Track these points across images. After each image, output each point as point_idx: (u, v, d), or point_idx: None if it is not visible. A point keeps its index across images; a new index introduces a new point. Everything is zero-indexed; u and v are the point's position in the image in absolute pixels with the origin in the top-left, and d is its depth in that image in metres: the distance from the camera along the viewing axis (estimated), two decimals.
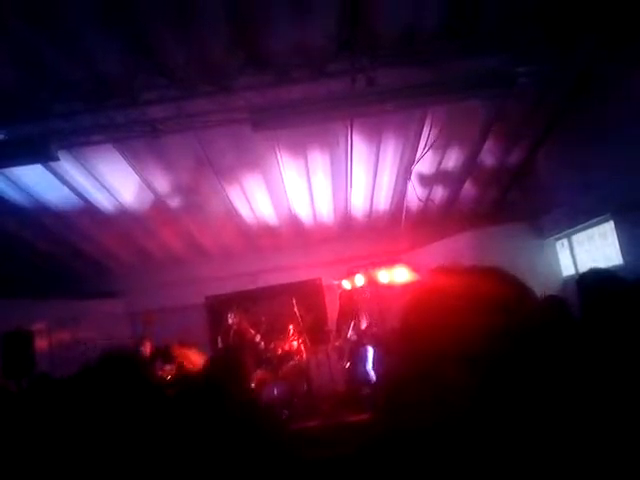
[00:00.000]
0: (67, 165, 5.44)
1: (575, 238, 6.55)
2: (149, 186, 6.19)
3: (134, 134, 5.07)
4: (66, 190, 5.92)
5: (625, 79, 4.72)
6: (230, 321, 7.24)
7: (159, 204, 6.58)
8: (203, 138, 5.42)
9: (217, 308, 8.05)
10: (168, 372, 5.18)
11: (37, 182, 5.71)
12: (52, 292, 7.27)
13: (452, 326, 0.78)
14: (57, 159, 4.79)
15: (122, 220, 6.82)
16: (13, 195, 5.89)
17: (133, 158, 5.61)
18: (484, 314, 0.79)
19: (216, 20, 3.88)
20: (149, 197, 6.44)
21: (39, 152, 4.68)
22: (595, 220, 5.84)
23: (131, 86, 4.52)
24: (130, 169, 5.76)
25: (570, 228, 6.39)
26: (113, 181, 5.98)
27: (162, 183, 6.19)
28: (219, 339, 7.33)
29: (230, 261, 8.16)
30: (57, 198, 6.11)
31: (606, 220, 5.68)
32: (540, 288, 2.75)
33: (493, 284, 0.84)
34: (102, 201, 6.34)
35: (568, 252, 6.69)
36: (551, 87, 5.22)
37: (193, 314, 7.99)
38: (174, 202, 6.63)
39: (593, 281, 2.50)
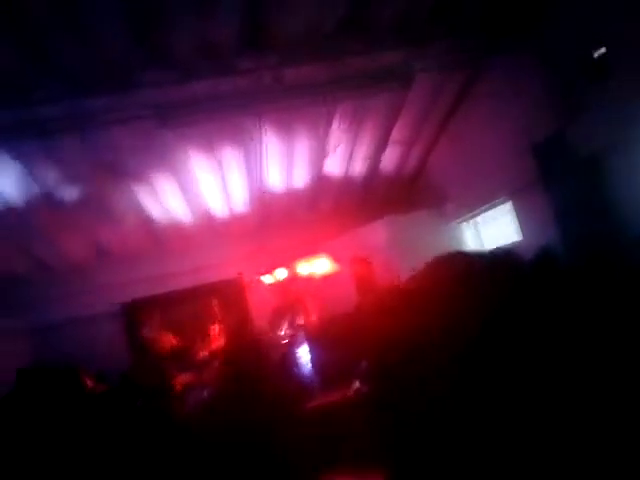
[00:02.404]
0: None
1: (479, 220, 7.02)
2: (45, 189, 5.72)
3: (23, 135, 4.66)
4: None
5: (511, 73, 5.11)
6: (148, 327, 6.95)
7: (57, 208, 6.10)
8: (106, 137, 5.11)
9: (133, 314, 7.67)
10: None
11: None
12: None
13: (432, 311, 0.82)
14: None
15: (15, 227, 6.24)
16: None
17: (26, 161, 5.15)
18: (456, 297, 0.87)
19: (114, 16, 3.66)
20: (46, 201, 5.95)
21: None
22: (495, 202, 6.29)
23: (20, 83, 4.14)
24: (22, 172, 5.28)
25: (474, 211, 6.84)
26: (3, 185, 5.46)
27: (60, 186, 5.74)
28: (137, 347, 7.02)
29: (144, 264, 7.77)
30: None
31: (504, 201, 6.14)
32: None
33: (458, 268, 0.90)
34: None
35: (474, 232, 7.16)
36: (447, 81, 5.52)
37: (107, 322, 7.54)
38: (76, 206, 6.18)
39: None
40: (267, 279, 7.77)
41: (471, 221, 7.14)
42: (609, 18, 3.88)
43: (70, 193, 5.92)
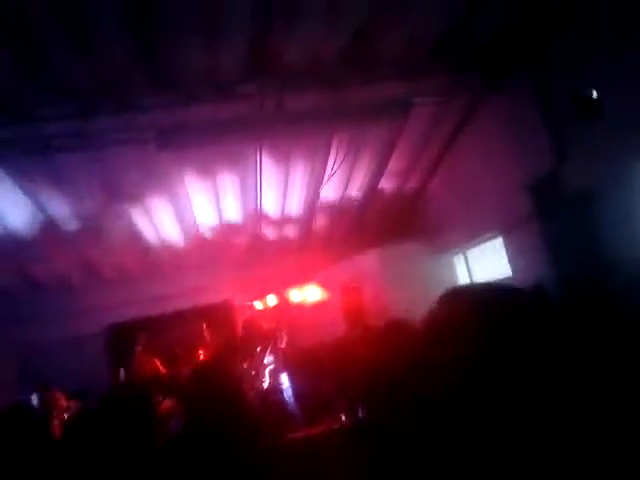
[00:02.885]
0: None
1: (470, 253, 7.07)
2: (40, 208, 5.70)
3: (23, 152, 4.67)
4: None
5: (506, 110, 5.26)
6: (134, 350, 6.82)
7: (51, 227, 6.08)
8: (104, 157, 5.14)
9: (120, 337, 7.54)
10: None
11: None
12: None
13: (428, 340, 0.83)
14: None
15: (8, 244, 6.19)
16: None
17: (22, 178, 5.15)
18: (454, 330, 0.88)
19: (118, 36, 3.73)
20: (40, 219, 5.92)
21: None
22: (486, 236, 6.36)
23: (22, 99, 4.18)
24: (18, 189, 5.27)
25: (466, 244, 6.90)
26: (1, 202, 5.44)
27: (55, 204, 5.73)
28: (121, 371, 6.87)
29: (134, 286, 7.71)
30: None
31: (495, 236, 6.21)
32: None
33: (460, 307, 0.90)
34: None
35: (464, 266, 7.20)
36: (444, 115, 5.67)
37: (93, 345, 7.41)
38: (68, 224, 6.16)
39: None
40: (257, 305, 7.72)
41: (462, 255, 7.19)
42: (601, 60, 4.04)
43: (65, 211, 5.91)
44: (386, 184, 7.01)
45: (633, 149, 3.88)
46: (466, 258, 7.17)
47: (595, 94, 4.10)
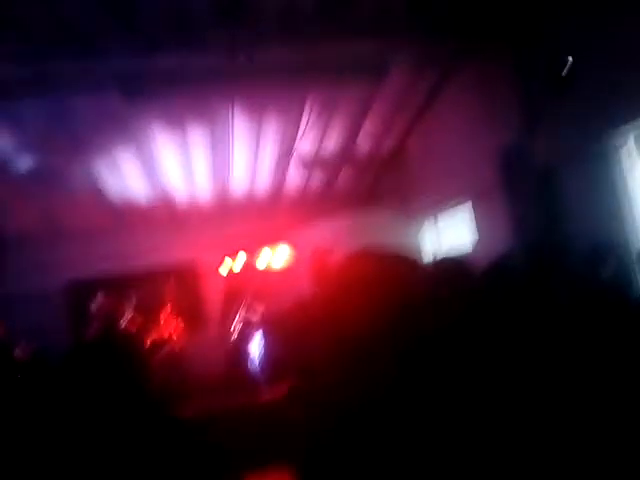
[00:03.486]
0: None
1: (440, 220, 7.12)
2: None
3: None
4: None
5: (481, 77, 5.20)
6: (95, 308, 6.66)
7: (9, 175, 5.78)
8: (66, 105, 4.86)
9: (81, 294, 7.35)
10: None
11: None
12: None
13: (367, 306, 0.80)
14: None
15: None
16: None
17: None
18: (395, 293, 0.85)
19: None
20: None
21: None
22: (456, 203, 6.40)
23: None
24: None
25: (435, 210, 6.93)
26: None
27: (13, 152, 5.45)
28: (81, 328, 6.72)
29: (96, 242, 7.47)
30: None
31: (465, 203, 6.25)
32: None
33: (396, 266, 0.89)
34: None
35: (434, 232, 7.26)
36: (419, 79, 5.57)
37: (52, 301, 7.22)
38: (28, 173, 5.87)
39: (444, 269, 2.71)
40: (225, 266, 7.63)
41: (433, 221, 7.23)
42: (578, 35, 4.01)
43: (25, 160, 5.62)
44: (360, 145, 6.92)
45: (601, 125, 3.91)
46: (436, 224, 7.22)
47: (567, 69, 4.08)
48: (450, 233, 6.90)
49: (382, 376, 0.77)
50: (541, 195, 4.68)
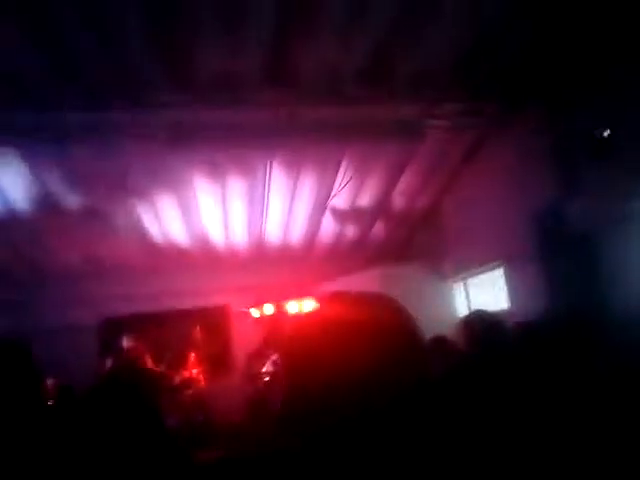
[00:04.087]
0: None
1: (470, 282, 7.02)
2: (51, 195, 5.77)
3: (41, 139, 4.75)
4: None
5: (518, 141, 5.27)
6: (124, 345, 6.80)
7: (57, 214, 6.13)
8: (117, 151, 5.19)
9: (112, 331, 7.53)
10: None
11: None
12: None
13: (337, 354, 0.77)
14: None
15: (12, 228, 6.25)
16: None
17: (36, 163, 5.22)
18: (369, 342, 0.78)
19: (140, 32, 3.80)
20: (47, 206, 5.98)
21: None
22: (488, 266, 6.32)
23: (43, 88, 4.26)
24: (30, 174, 5.34)
25: (467, 272, 6.85)
26: (11, 186, 5.51)
27: (64, 193, 5.79)
28: (107, 362, 6.83)
29: (131, 281, 7.71)
30: None
31: (497, 267, 6.17)
32: (438, 328, 2.95)
33: (379, 311, 0.84)
34: None
35: (464, 294, 7.15)
36: (456, 140, 5.68)
37: (84, 336, 7.41)
38: (75, 213, 6.21)
39: (477, 323, 2.70)
40: (253, 313, 7.70)
41: (463, 282, 7.14)
42: (616, 100, 4.05)
43: (73, 200, 5.97)
44: (393, 204, 7.01)
45: (638, 188, 3.87)
46: (466, 286, 7.12)
47: (607, 134, 4.11)
48: (481, 295, 6.78)
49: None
50: (578, 259, 4.59)
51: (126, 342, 6.70)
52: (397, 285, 6.86)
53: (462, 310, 7.13)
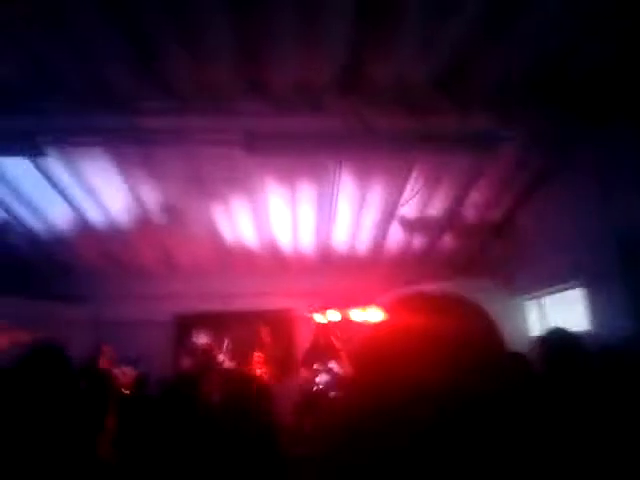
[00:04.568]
0: (54, 163, 5.40)
1: (546, 300, 6.66)
2: (132, 194, 6.16)
3: (126, 141, 5.09)
4: (47, 187, 5.86)
5: (602, 155, 4.95)
6: (197, 341, 7.11)
7: (139, 214, 6.53)
8: (194, 155, 5.46)
9: (185, 327, 7.90)
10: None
11: (21, 176, 5.64)
12: (15, 290, 7.06)
13: (415, 363, 0.73)
14: (44, 154, 4.77)
15: (99, 225, 6.74)
16: None
17: (121, 165, 5.61)
18: (445, 351, 0.73)
19: (223, 43, 3.99)
20: (130, 205, 6.40)
21: (27, 146, 4.67)
22: (567, 284, 5.97)
23: (130, 94, 4.57)
24: (116, 175, 5.74)
25: (542, 289, 6.51)
26: (97, 184, 5.94)
27: (146, 193, 6.17)
28: (182, 358, 7.18)
29: (203, 281, 8.06)
30: (37, 194, 6.04)
31: (578, 286, 5.81)
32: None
33: (459, 318, 0.79)
34: (82, 203, 6.28)
35: (539, 314, 6.79)
36: (535, 152, 5.44)
37: (159, 330, 7.81)
38: (154, 213, 6.59)
39: (556, 342, 2.56)
40: (318, 318, 7.76)
41: (537, 301, 6.79)
42: None
43: (154, 201, 6.34)
44: (464, 215, 6.82)
45: None
46: (541, 305, 6.76)
47: None
48: (558, 313, 6.41)
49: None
50: None
51: (198, 338, 7.00)
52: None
53: (535, 329, 6.79)
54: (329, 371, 6.80)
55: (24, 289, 7.24)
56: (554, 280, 6.15)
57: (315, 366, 7.00)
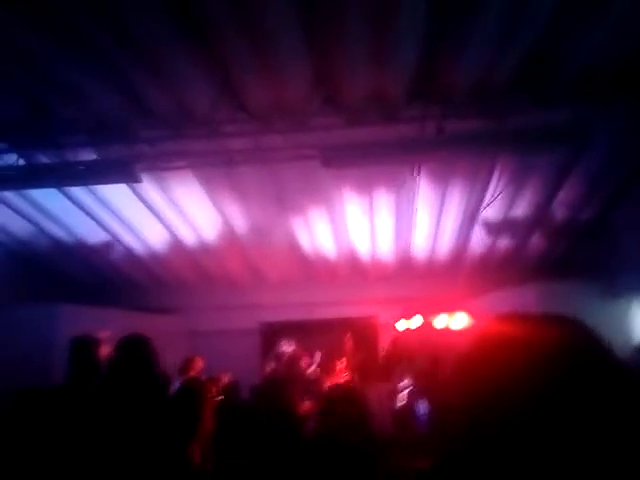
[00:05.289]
0: (148, 187, 5.86)
1: None
2: (220, 213, 6.52)
3: (212, 163, 5.41)
4: (144, 210, 6.36)
5: None
6: (282, 349, 7.31)
7: (227, 230, 6.89)
8: (275, 172, 5.68)
9: (270, 335, 8.17)
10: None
11: (120, 201, 6.18)
12: (117, 302, 7.68)
13: (510, 378, 0.73)
14: (140, 181, 5.18)
15: (191, 242, 7.19)
16: (98, 212, 6.41)
17: (208, 186, 5.96)
18: (546, 367, 0.73)
19: (298, 65, 4.13)
20: (218, 223, 6.77)
21: (125, 173, 5.09)
22: None
23: (213, 118, 4.85)
24: (205, 195, 6.11)
25: None
26: (188, 205, 6.36)
27: (232, 211, 6.50)
28: (269, 365, 7.41)
29: (287, 291, 8.31)
30: (135, 217, 6.57)
31: None
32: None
33: (559, 332, 0.77)
34: (175, 223, 6.74)
35: None
36: (629, 145, 5.05)
37: (246, 338, 8.16)
38: (241, 229, 6.91)
39: None
40: (401, 325, 7.70)
41: None
42: None
43: (238, 217, 6.66)
44: (553, 214, 6.47)
45: None
46: None
47: None
48: None
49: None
50: None
51: (284, 346, 7.21)
52: (557, 302, 6.29)
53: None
54: (413, 378, 6.71)
55: (125, 302, 7.89)
56: None
57: (399, 373, 6.95)
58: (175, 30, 3.79)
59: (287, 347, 7.25)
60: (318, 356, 7.24)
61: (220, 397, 6.05)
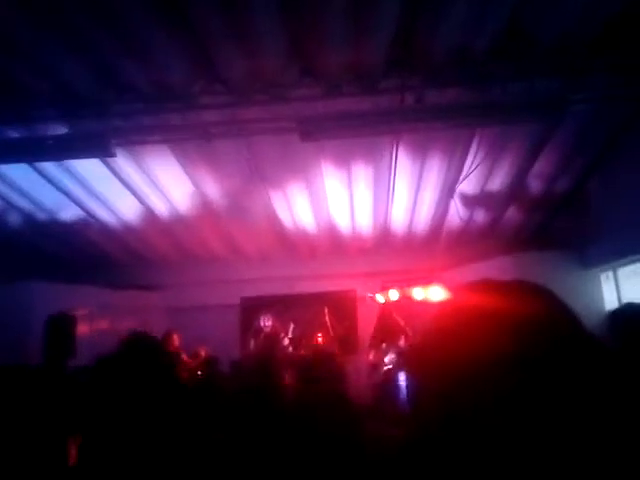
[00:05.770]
0: (123, 162, 5.72)
1: (621, 272, 6.32)
2: (197, 187, 6.42)
3: (188, 137, 5.29)
4: (119, 185, 6.22)
5: None
6: (262, 323, 7.37)
7: (204, 204, 6.80)
8: (252, 145, 5.59)
9: (250, 310, 8.20)
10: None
11: (94, 176, 6.02)
12: (93, 279, 7.58)
13: (474, 346, 0.74)
14: (114, 155, 5.05)
15: (168, 217, 7.08)
16: (71, 187, 6.24)
17: (185, 159, 5.84)
18: (512, 335, 0.72)
19: (274, 35, 4.03)
20: (195, 197, 6.67)
21: (98, 148, 4.95)
22: None
23: (189, 91, 4.73)
24: (181, 170, 5.99)
25: (617, 260, 6.18)
26: (164, 180, 6.24)
27: (209, 185, 6.40)
28: (250, 340, 7.47)
29: (267, 265, 8.30)
30: (110, 192, 6.42)
31: None
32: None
33: (530, 302, 0.76)
34: (151, 198, 6.61)
35: (613, 286, 6.46)
36: (605, 115, 5.11)
37: (226, 314, 8.16)
38: (218, 203, 6.83)
39: (629, 316, 2.47)
40: (379, 298, 7.79)
41: (612, 272, 6.46)
42: None
43: (215, 191, 6.57)
44: (530, 186, 6.56)
45: None
46: (616, 276, 6.43)
47: None
48: (633, 287, 6.08)
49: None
50: None
51: (263, 321, 7.26)
52: (532, 273, 6.41)
53: (610, 302, 6.48)
54: (397, 350, 6.84)
55: (102, 279, 7.79)
56: (628, 252, 5.81)
57: (383, 346, 7.07)
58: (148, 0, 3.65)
59: (267, 322, 7.31)
60: (291, 329, 7.32)
61: (198, 372, 6.08)
